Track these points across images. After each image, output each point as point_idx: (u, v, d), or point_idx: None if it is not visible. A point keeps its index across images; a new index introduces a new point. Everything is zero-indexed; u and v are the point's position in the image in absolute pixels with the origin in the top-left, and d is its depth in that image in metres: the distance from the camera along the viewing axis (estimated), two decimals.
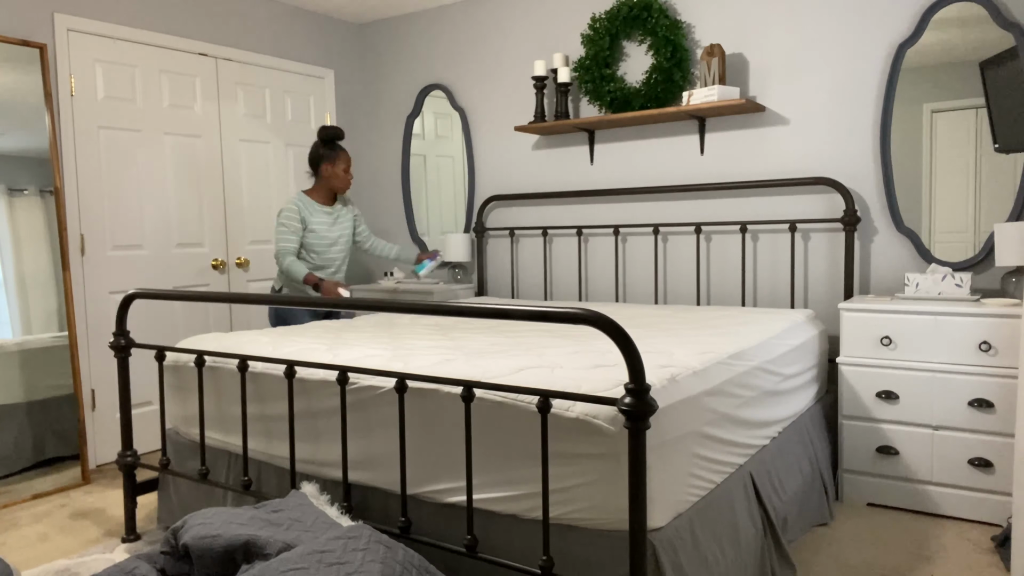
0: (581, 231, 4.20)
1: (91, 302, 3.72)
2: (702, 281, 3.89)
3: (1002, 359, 2.79)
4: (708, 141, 3.83)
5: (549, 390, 1.77)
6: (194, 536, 1.91)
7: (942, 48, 3.20)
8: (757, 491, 2.37)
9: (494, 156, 4.57)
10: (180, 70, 4.08)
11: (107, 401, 3.78)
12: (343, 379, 2.16)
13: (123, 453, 2.78)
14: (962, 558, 2.57)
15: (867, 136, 3.42)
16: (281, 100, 4.62)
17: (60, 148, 3.57)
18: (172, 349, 2.64)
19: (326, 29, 4.90)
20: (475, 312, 1.79)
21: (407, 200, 4.98)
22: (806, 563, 2.56)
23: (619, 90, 3.91)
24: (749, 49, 3.68)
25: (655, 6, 3.79)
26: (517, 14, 4.41)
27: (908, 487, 2.99)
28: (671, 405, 1.93)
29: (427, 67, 4.82)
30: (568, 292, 4.33)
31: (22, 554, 2.74)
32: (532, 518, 1.91)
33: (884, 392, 3.01)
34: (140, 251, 3.92)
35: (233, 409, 2.58)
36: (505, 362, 2.21)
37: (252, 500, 2.54)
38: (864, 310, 3.04)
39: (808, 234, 3.59)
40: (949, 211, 3.24)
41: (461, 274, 4.66)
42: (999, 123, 3.09)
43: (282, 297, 2.20)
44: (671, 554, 1.81)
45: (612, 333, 1.61)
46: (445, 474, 2.06)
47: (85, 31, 3.68)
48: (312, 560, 1.68)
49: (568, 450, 1.82)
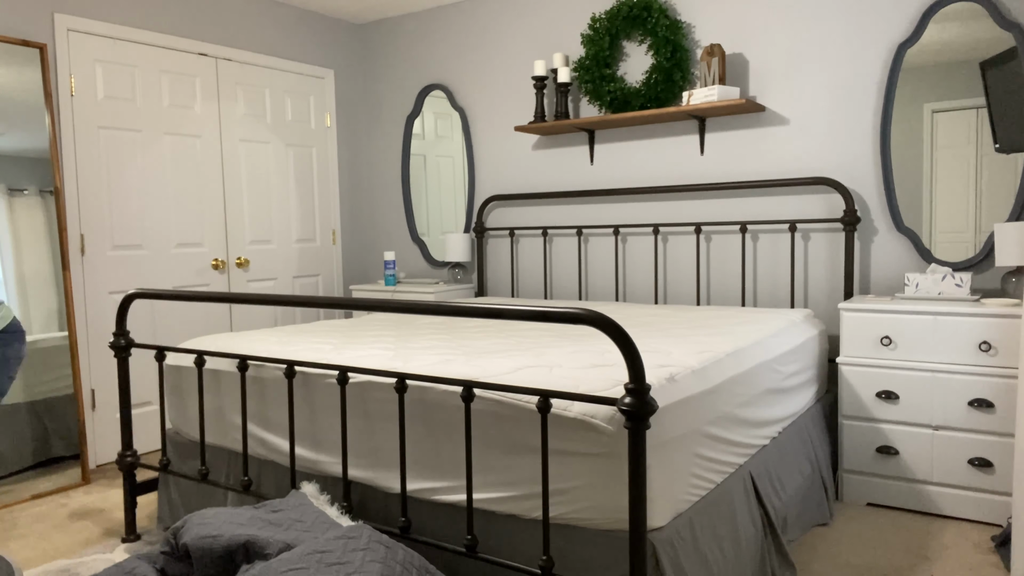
0: (581, 231, 4.20)
1: (91, 302, 3.72)
2: (702, 281, 3.89)
3: (1002, 359, 2.79)
4: (708, 141, 3.83)
5: (549, 390, 1.77)
6: (194, 536, 1.91)
7: (942, 48, 3.20)
8: (757, 491, 2.37)
9: (494, 156, 4.57)
10: (180, 70, 4.08)
11: (107, 401, 3.78)
12: (343, 379, 2.16)
13: (123, 453, 2.78)
14: (962, 558, 2.57)
15: (867, 136, 3.42)
16: (281, 100, 4.62)
17: (60, 148, 3.57)
18: (172, 349, 2.64)
19: (326, 29, 4.90)
20: (475, 312, 1.79)
21: (407, 200, 4.98)
22: (806, 563, 2.56)
23: (619, 90, 3.91)
24: (749, 49, 3.68)
25: (655, 6, 3.79)
26: (517, 14, 4.41)
27: (908, 487, 2.99)
28: (670, 405, 1.93)
29: (427, 67, 4.82)
30: (568, 292, 4.33)
31: (22, 554, 2.74)
32: (532, 518, 1.92)
33: (884, 392, 3.01)
34: (140, 251, 3.93)
35: (239, 410, 2.58)
36: (505, 362, 2.21)
37: (252, 500, 2.54)
38: (864, 310, 3.04)
39: (808, 234, 3.59)
40: (949, 211, 3.24)
41: (461, 274, 4.66)
42: (999, 123, 3.09)
43: (282, 297, 2.20)
44: (671, 554, 1.81)
45: (612, 333, 1.61)
46: (445, 474, 2.06)
47: (85, 31, 3.68)
48: (312, 560, 1.68)
49: (568, 450, 1.82)
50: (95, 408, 3.74)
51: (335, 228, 4.98)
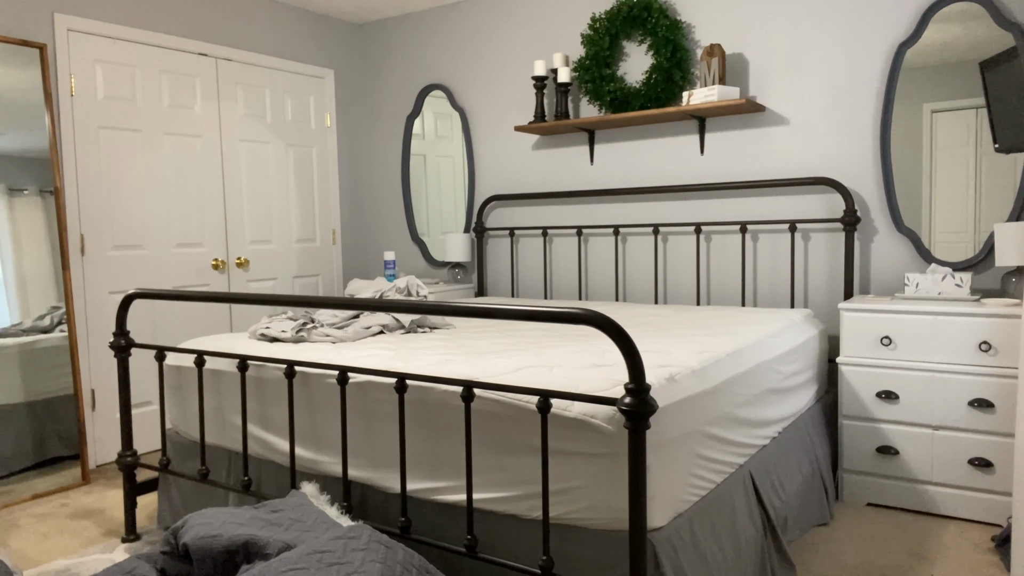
0: (581, 231, 4.20)
1: (91, 302, 3.72)
2: (702, 281, 3.89)
3: (1002, 359, 2.79)
4: (708, 141, 3.83)
5: (549, 390, 1.77)
6: (194, 536, 1.91)
7: (942, 48, 3.20)
8: (757, 491, 2.37)
9: (494, 156, 4.57)
10: (180, 70, 4.08)
11: (107, 401, 3.78)
12: (343, 379, 2.16)
13: (123, 453, 2.78)
14: (962, 558, 2.57)
15: (867, 136, 3.42)
16: (281, 100, 4.62)
17: (60, 148, 3.57)
18: (172, 349, 2.64)
19: (326, 29, 4.90)
20: (475, 312, 1.79)
21: (407, 200, 4.98)
22: (806, 563, 2.56)
23: (619, 90, 3.91)
24: (749, 49, 3.68)
25: (655, 6, 3.79)
26: (517, 14, 4.41)
27: (908, 487, 2.99)
28: (670, 405, 1.93)
29: (427, 67, 4.82)
30: (568, 292, 4.33)
31: (22, 554, 2.74)
32: (532, 518, 1.92)
33: (884, 392, 3.01)
34: (140, 251, 3.93)
35: (239, 410, 2.58)
36: (505, 362, 2.21)
37: (252, 500, 2.54)
38: (864, 310, 3.04)
39: (808, 234, 3.59)
40: (949, 211, 3.24)
41: (461, 274, 4.66)
42: (999, 123, 3.09)
43: (282, 297, 2.20)
44: (671, 554, 1.81)
45: (612, 333, 1.61)
46: (445, 474, 2.06)
47: (85, 31, 3.68)
48: (312, 560, 1.68)
49: (568, 450, 1.82)
50: (95, 408, 3.74)
51: (335, 228, 4.99)
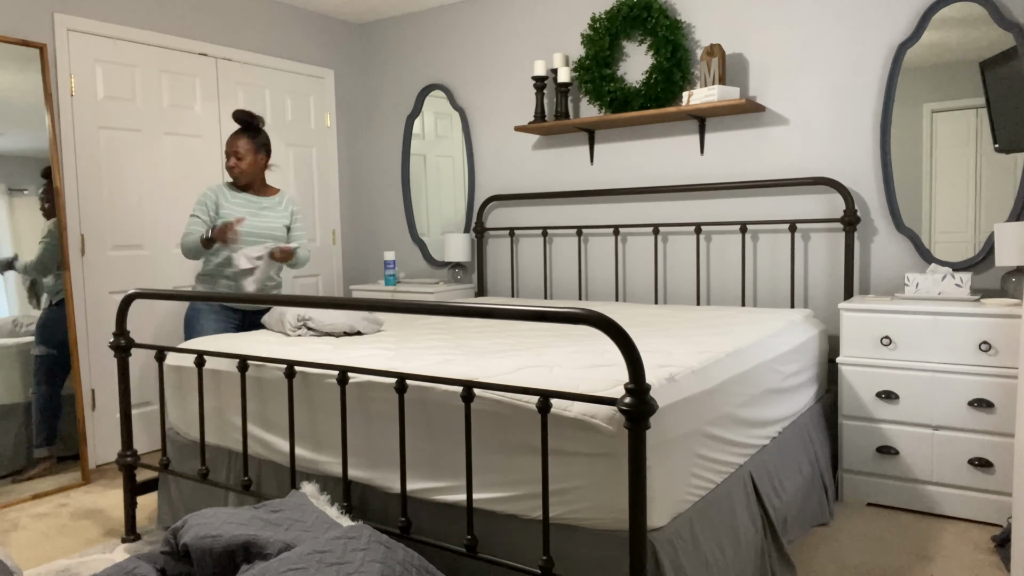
0: (581, 231, 4.20)
1: (91, 302, 3.72)
2: (702, 281, 3.89)
3: (1002, 359, 2.79)
4: (708, 141, 3.83)
5: (549, 390, 1.77)
6: (194, 536, 1.91)
7: (942, 48, 3.20)
8: (757, 491, 2.37)
9: (494, 156, 4.57)
10: (180, 70, 4.08)
11: (107, 401, 3.78)
12: (343, 379, 2.16)
13: (123, 453, 2.78)
14: (962, 558, 2.57)
15: (867, 136, 3.42)
16: (281, 100, 4.62)
17: (60, 148, 3.57)
18: (172, 349, 2.64)
19: (326, 29, 4.90)
20: (475, 312, 1.79)
21: (407, 200, 4.98)
22: (806, 563, 2.56)
23: (619, 90, 3.91)
24: (749, 49, 3.68)
25: (655, 6, 3.79)
26: (517, 14, 4.41)
27: (908, 487, 2.99)
28: (670, 405, 1.92)
29: (427, 67, 4.82)
30: (568, 292, 4.33)
31: (22, 554, 2.74)
32: (532, 518, 1.91)
33: (884, 392, 3.01)
34: (140, 251, 3.93)
35: (239, 409, 2.58)
36: (505, 362, 2.21)
37: (252, 500, 2.54)
38: (864, 310, 3.04)
39: (808, 234, 3.59)
40: (949, 211, 3.24)
41: (461, 274, 4.66)
42: (999, 123, 3.09)
43: (282, 297, 2.20)
44: (671, 554, 1.81)
45: (612, 333, 1.61)
46: (445, 474, 2.06)
47: (85, 31, 3.68)
48: (312, 560, 1.68)
49: (568, 450, 1.82)
50: (95, 408, 3.74)
51: (335, 228, 4.98)
